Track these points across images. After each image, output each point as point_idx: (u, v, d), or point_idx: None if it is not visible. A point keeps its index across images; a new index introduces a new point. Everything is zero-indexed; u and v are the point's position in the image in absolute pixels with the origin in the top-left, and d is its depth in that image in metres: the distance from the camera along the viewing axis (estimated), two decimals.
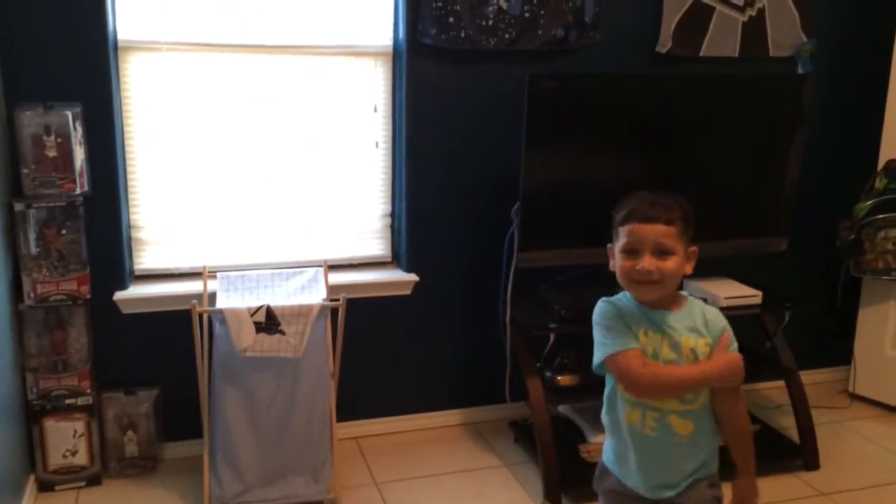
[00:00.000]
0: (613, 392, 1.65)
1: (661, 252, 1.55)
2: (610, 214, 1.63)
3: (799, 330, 3.00)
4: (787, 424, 2.99)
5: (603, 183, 2.72)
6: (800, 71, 3.18)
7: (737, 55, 3.12)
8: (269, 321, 2.40)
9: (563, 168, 2.69)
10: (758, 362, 2.97)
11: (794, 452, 2.87)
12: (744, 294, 2.80)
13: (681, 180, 2.84)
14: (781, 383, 2.96)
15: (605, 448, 1.74)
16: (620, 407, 1.63)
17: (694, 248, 1.61)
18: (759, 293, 2.82)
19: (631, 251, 1.57)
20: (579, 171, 2.72)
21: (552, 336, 2.64)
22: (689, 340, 1.58)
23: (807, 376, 3.00)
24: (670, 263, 1.55)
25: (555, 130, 2.65)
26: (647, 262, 1.54)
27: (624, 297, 1.64)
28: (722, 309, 2.74)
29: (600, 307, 1.64)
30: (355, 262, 3.02)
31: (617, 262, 1.60)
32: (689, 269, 1.60)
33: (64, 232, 2.50)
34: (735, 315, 2.72)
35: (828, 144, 3.32)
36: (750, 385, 3.35)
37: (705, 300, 2.78)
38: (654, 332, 1.59)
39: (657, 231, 1.54)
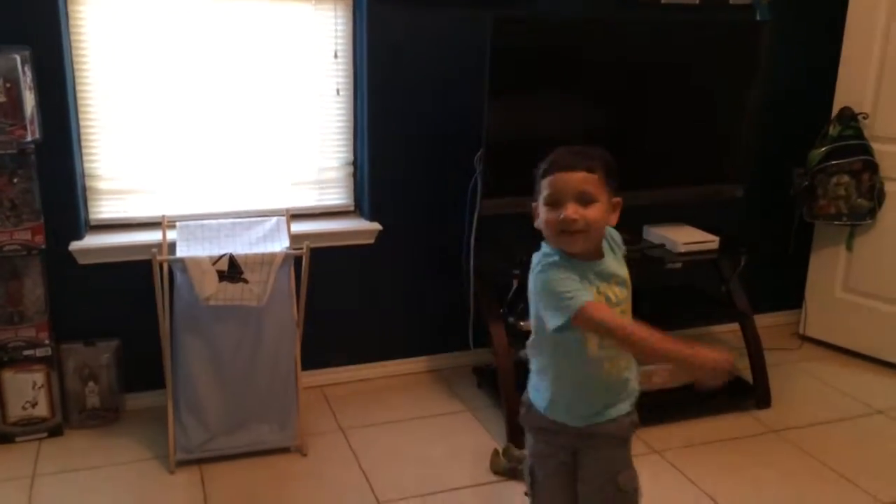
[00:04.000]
0: (570, 339, 1.59)
1: (584, 200, 1.53)
2: (532, 173, 1.62)
3: (753, 274, 3.08)
4: (741, 366, 3.08)
5: (566, 128, 2.73)
6: (757, 18, 3.20)
7: (698, 2, 3.12)
8: (231, 270, 2.38)
9: (527, 114, 2.69)
10: (714, 306, 3.07)
11: (747, 392, 2.96)
12: (701, 240, 2.85)
13: (640, 126, 2.87)
14: (735, 326, 3.05)
15: (536, 389, 1.73)
16: (576, 353, 1.60)
17: (618, 199, 1.60)
18: (717, 238, 2.87)
19: (554, 202, 1.55)
20: (542, 116, 2.71)
21: (515, 282, 2.67)
22: (623, 276, 1.64)
23: (759, 319, 3.09)
24: (593, 212, 1.54)
25: (518, 76, 2.63)
26: (570, 211, 1.53)
27: (557, 256, 1.59)
28: (680, 254, 2.83)
29: (549, 271, 1.58)
30: (317, 210, 3.00)
31: (542, 217, 1.59)
32: (613, 219, 1.60)
33: (16, 181, 2.43)
34: (693, 260, 2.81)
35: (783, 92, 3.37)
36: (706, 328, 3.46)
37: (663, 245, 2.86)
38: (601, 281, 1.60)
39: (578, 178, 1.54)
